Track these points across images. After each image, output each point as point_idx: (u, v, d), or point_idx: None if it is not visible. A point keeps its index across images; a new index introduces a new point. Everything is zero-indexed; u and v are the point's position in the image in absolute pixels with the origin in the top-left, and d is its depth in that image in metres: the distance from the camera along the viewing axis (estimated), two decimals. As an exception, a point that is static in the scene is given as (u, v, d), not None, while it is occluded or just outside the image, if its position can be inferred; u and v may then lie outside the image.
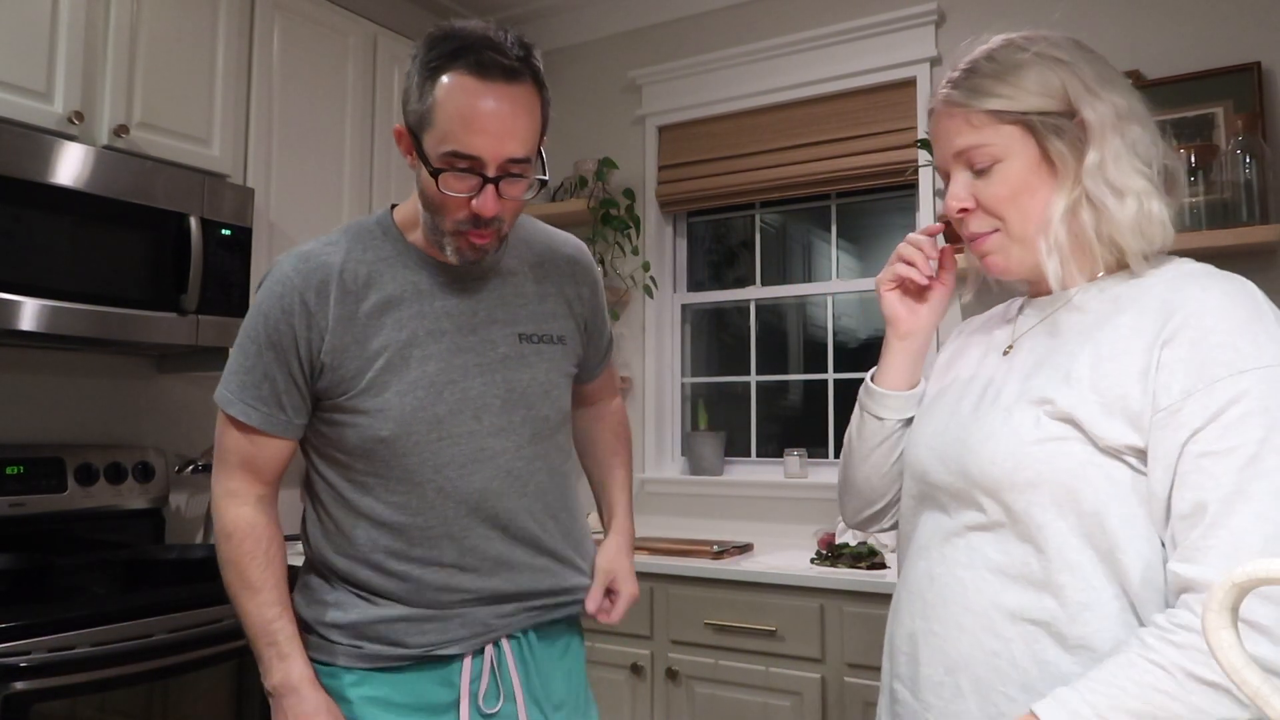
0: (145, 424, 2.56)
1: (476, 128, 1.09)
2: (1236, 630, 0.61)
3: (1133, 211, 0.95)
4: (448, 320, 1.23)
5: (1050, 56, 1.00)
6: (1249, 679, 0.60)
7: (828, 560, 2.42)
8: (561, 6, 3.47)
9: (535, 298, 1.32)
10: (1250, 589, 0.60)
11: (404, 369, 1.19)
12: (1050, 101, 0.97)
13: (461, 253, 1.19)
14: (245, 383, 1.22)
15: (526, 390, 1.28)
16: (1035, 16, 2.70)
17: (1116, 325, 0.93)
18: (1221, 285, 0.92)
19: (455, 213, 1.15)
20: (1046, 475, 0.91)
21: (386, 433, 1.19)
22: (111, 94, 2.16)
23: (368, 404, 1.19)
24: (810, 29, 3.05)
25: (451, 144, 1.10)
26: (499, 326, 1.27)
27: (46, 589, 1.92)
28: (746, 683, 2.35)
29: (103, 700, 1.78)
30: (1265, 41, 2.41)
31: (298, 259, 1.21)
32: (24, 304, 1.94)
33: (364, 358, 1.19)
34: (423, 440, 1.20)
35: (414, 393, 1.20)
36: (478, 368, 1.24)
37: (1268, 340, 0.87)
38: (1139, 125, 0.97)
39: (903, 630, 1.04)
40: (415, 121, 1.13)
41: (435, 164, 1.12)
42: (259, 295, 1.23)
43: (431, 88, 1.10)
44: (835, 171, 3.00)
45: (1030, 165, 0.98)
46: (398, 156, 2.89)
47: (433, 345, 1.21)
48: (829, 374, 3.14)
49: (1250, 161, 2.25)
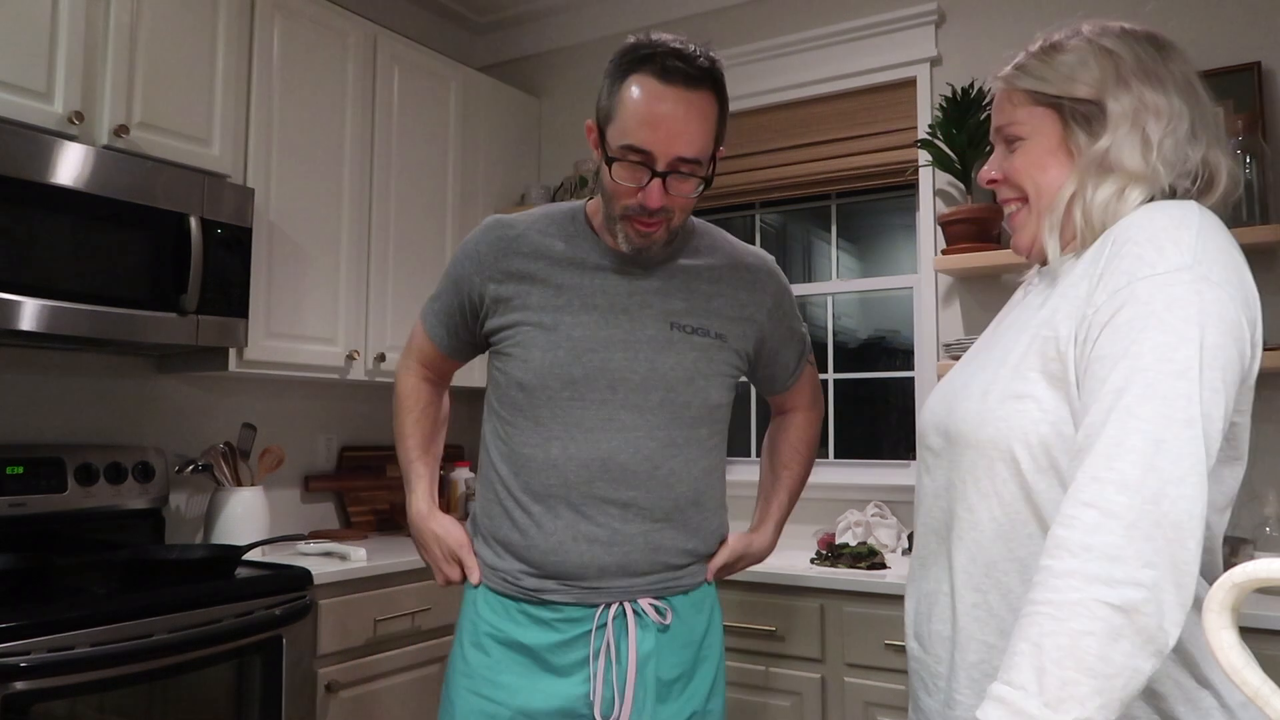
0: (145, 424, 2.56)
1: (651, 125, 1.22)
2: (1237, 630, 0.61)
3: (1107, 194, 0.96)
4: (602, 297, 1.35)
5: (1098, 45, 1.00)
6: (1249, 679, 0.60)
7: (828, 560, 2.42)
8: (561, 6, 3.47)
9: (703, 295, 1.41)
10: (1250, 589, 0.60)
11: (553, 329, 1.33)
12: (1083, 88, 0.99)
13: (630, 239, 1.32)
14: (435, 307, 1.51)
15: (669, 374, 1.35)
16: (1035, 16, 2.71)
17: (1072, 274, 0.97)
18: (1150, 206, 0.94)
19: (625, 200, 1.27)
20: (1004, 432, 0.94)
21: (526, 380, 1.33)
22: (111, 94, 2.16)
23: (516, 352, 1.35)
24: (810, 29, 3.05)
25: (628, 138, 1.23)
26: (651, 312, 1.37)
27: (46, 589, 1.92)
28: (746, 683, 2.35)
29: (103, 700, 1.78)
30: (1265, 41, 2.41)
31: (492, 220, 1.43)
32: (24, 304, 1.94)
33: (523, 311, 1.36)
34: (556, 396, 1.32)
35: (556, 351, 1.32)
36: (622, 344, 1.34)
37: (1174, 248, 0.87)
38: (1169, 121, 0.97)
39: (919, 590, 1.08)
40: (602, 116, 1.28)
41: (612, 154, 1.25)
42: (466, 240, 1.45)
43: (619, 87, 1.25)
44: (835, 171, 3.00)
45: (1049, 147, 1.01)
46: (398, 156, 2.89)
47: (584, 315, 1.34)
48: (829, 374, 3.14)
49: (1250, 161, 2.25)
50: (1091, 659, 0.76)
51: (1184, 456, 0.80)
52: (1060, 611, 0.78)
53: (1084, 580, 0.78)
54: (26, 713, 1.66)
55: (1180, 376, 0.82)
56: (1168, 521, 0.79)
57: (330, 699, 2.22)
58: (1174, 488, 0.79)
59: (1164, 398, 0.82)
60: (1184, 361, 0.83)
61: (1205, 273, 0.86)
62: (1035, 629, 0.79)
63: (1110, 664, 0.76)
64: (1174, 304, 0.84)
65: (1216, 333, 0.84)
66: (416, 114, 2.96)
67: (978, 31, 2.79)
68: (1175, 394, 0.82)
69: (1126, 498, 0.79)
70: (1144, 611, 0.77)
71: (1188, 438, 0.81)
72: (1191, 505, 0.79)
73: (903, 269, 3.03)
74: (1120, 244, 0.90)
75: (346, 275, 2.72)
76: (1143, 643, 0.77)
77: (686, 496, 1.39)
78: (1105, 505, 0.80)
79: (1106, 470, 0.81)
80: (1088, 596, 0.78)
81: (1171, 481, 0.79)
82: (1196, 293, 0.85)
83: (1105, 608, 0.77)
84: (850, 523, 2.66)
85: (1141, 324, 0.84)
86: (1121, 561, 0.78)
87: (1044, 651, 0.77)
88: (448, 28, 3.61)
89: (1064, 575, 0.79)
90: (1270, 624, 1.79)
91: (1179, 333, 0.83)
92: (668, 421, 1.36)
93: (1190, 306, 0.84)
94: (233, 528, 2.42)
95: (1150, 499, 0.79)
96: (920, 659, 1.07)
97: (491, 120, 3.27)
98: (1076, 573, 0.79)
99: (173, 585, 1.99)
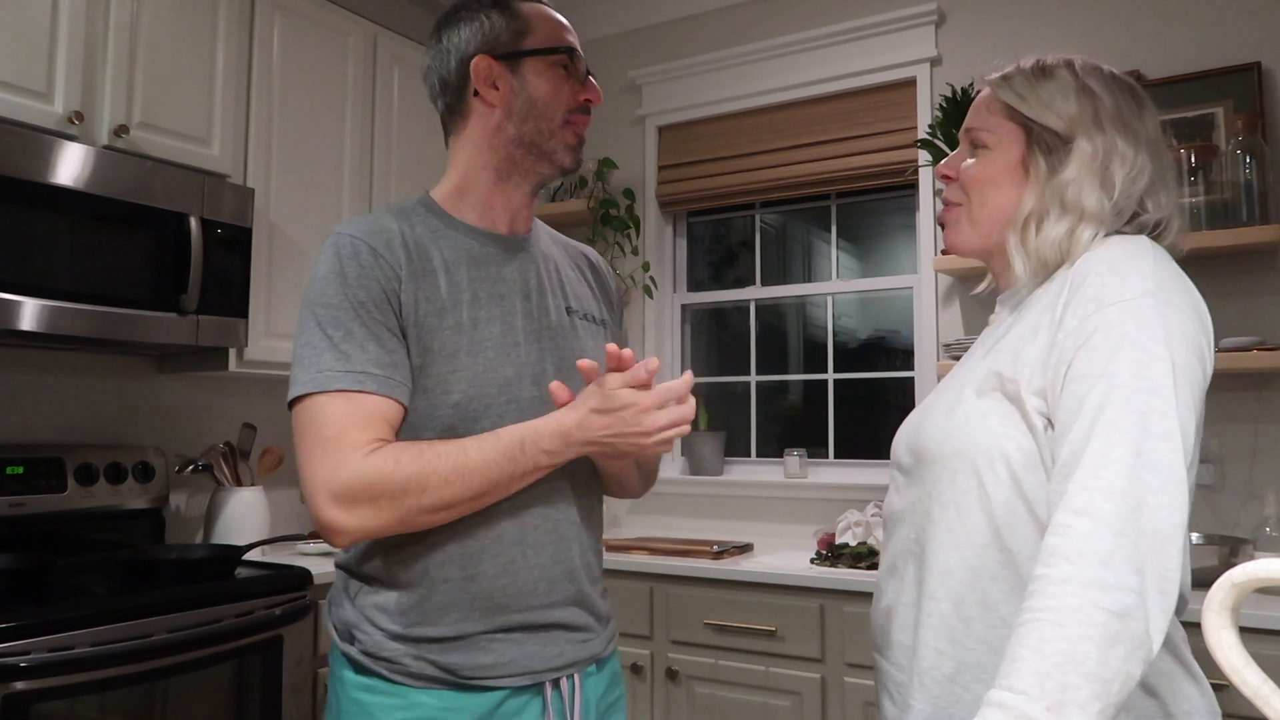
0: (145, 424, 2.56)
1: (569, 32, 1.26)
2: (1236, 630, 0.61)
3: (1063, 231, 1.01)
4: (504, 285, 1.22)
5: (1083, 83, 1.05)
6: (1249, 679, 0.60)
7: (827, 560, 2.42)
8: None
9: (574, 280, 1.34)
10: (1250, 589, 0.61)
11: (471, 329, 1.17)
12: (1056, 120, 1.04)
13: (571, 147, 1.24)
14: (344, 353, 1.10)
15: (578, 358, 1.20)
16: (1035, 16, 2.72)
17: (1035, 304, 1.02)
18: (1108, 241, 0.99)
19: (568, 102, 1.23)
20: (969, 446, 0.98)
21: (458, 396, 1.14)
22: (111, 94, 2.16)
23: (437, 366, 1.14)
24: (810, 29, 3.05)
25: (556, 42, 1.24)
26: (550, 296, 1.26)
27: (46, 589, 1.92)
28: (746, 683, 2.35)
29: (103, 700, 1.78)
30: (1265, 41, 2.41)
31: (355, 225, 1.18)
32: (24, 304, 1.94)
33: (433, 315, 1.15)
34: (494, 403, 1.15)
35: (483, 354, 1.16)
36: (533, 333, 1.22)
37: (1136, 275, 0.93)
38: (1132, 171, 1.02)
39: (880, 605, 1.11)
40: (506, 42, 1.22)
41: (543, 64, 1.22)
42: (320, 267, 1.15)
43: (514, 11, 1.24)
44: (835, 171, 3.00)
45: (1009, 164, 1.06)
46: (398, 156, 2.89)
47: (494, 308, 1.20)
48: (829, 374, 3.14)
49: (1250, 161, 2.25)
50: (1091, 664, 0.78)
51: (1162, 467, 0.84)
52: (1061, 617, 0.80)
53: (1081, 586, 0.80)
54: (26, 713, 1.66)
55: (1154, 393, 0.87)
56: (1149, 529, 0.82)
57: (330, 699, 2.22)
58: (1154, 496, 0.83)
59: (1141, 412, 0.86)
60: (1157, 378, 0.87)
61: (1168, 297, 0.92)
62: (1034, 635, 0.80)
63: (1108, 669, 0.78)
64: (1144, 326, 0.89)
65: (1183, 351, 0.90)
66: (416, 114, 2.96)
67: (978, 31, 2.79)
68: (1151, 409, 0.86)
69: (1114, 505, 0.83)
70: (1135, 616, 0.79)
71: (1165, 449, 0.85)
72: (1172, 513, 0.83)
73: (903, 269, 3.03)
74: (1083, 274, 0.95)
75: (346, 275, 2.72)
76: (1135, 648, 0.79)
77: (593, 510, 1.28)
78: (1096, 513, 0.83)
79: (1094, 480, 0.84)
80: (1086, 602, 0.80)
81: (1152, 491, 0.83)
82: (1162, 315, 0.90)
83: (1102, 613, 0.79)
84: (850, 523, 2.66)
85: (1115, 345, 0.89)
86: (1113, 566, 0.80)
87: (1045, 656, 0.79)
88: (448, 28, 3.60)
89: (1061, 582, 0.81)
90: (1270, 624, 1.79)
91: (1150, 352, 0.88)
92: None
93: (1158, 328, 0.89)
94: (233, 528, 2.43)
95: (1134, 507, 0.82)
96: (884, 669, 1.10)
97: (491, 120, 3.26)
98: (1074, 579, 0.81)
99: (173, 585, 1.98)
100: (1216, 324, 1.02)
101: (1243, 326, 2.32)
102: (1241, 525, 2.32)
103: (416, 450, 1.08)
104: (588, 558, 1.24)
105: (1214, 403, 1.08)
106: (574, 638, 1.20)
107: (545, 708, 1.17)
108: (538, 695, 1.17)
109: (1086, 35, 2.64)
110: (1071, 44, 2.64)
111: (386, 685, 1.13)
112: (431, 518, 1.09)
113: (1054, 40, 2.67)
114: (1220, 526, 2.32)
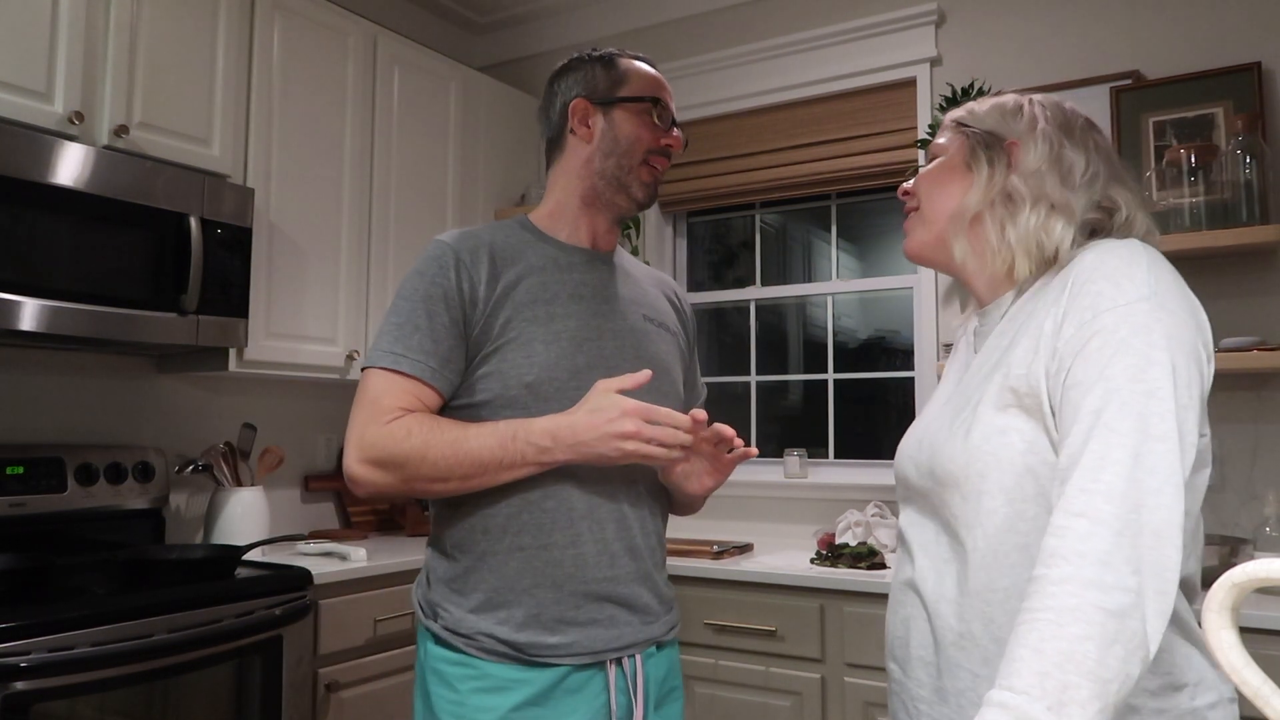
0: (145, 424, 2.56)
1: (660, 87, 1.42)
2: (1237, 630, 0.61)
3: (1036, 221, 1.05)
4: (585, 288, 1.38)
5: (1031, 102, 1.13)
6: (1249, 679, 0.60)
7: (828, 560, 2.42)
8: (561, 6, 3.47)
9: (653, 295, 1.49)
10: (1250, 589, 0.61)
11: (548, 322, 1.32)
12: (995, 125, 1.12)
13: (645, 184, 1.40)
14: (412, 343, 1.28)
15: (653, 359, 1.39)
16: (1035, 17, 2.72)
17: (1035, 313, 1.03)
18: (1100, 245, 1.01)
19: (648, 144, 1.39)
20: (993, 466, 0.99)
21: (531, 377, 1.29)
22: (111, 94, 2.16)
23: (514, 352, 1.30)
24: (810, 29, 3.05)
25: (648, 93, 1.40)
26: (627, 303, 1.42)
27: (46, 589, 1.92)
28: (746, 683, 2.35)
29: (103, 700, 1.78)
30: (1265, 41, 2.41)
31: (451, 235, 1.36)
32: (24, 304, 1.94)
33: (512, 309, 1.31)
34: (564, 387, 1.29)
35: (558, 343, 1.31)
36: (611, 331, 1.37)
37: (1130, 282, 0.94)
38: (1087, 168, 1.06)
39: (897, 616, 1.12)
40: (606, 87, 1.39)
41: (633, 108, 1.39)
42: (418, 264, 1.34)
43: (613, 67, 1.41)
44: (835, 171, 3.00)
45: (952, 165, 1.14)
46: (398, 156, 2.89)
47: (573, 306, 1.35)
48: (829, 374, 3.14)
49: (1250, 161, 2.25)
50: (1091, 663, 0.78)
51: (1160, 469, 0.85)
52: (1060, 617, 0.80)
53: (1080, 585, 0.81)
54: (26, 713, 1.66)
55: (1151, 396, 0.88)
56: (1148, 530, 0.83)
57: (330, 699, 2.22)
58: (1153, 498, 0.84)
59: (1139, 415, 0.87)
60: (1154, 381, 0.88)
61: (1162, 302, 0.93)
62: (1035, 635, 0.80)
63: (1107, 668, 0.78)
64: (1139, 330, 0.91)
65: (1180, 355, 0.91)
66: (416, 114, 2.96)
67: (978, 31, 2.79)
68: (1149, 411, 0.87)
69: (1113, 507, 0.83)
70: (1132, 616, 0.80)
71: (1162, 451, 0.86)
72: (1169, 514, 0.84)
73: (903, 269, 3.03)
74: (1080, 284, 0.97)
75: (346, 275, 2.72)
76: (1133, 648, 0.80)
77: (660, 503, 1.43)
78: (1094, 514, 0.83)
79: (1093, 482, 0.85)
80: (1085, 602, 0.80)
81: (1150, 492, 0.84)
82: (1157, 320, 0.91)
83: (1100, 612, 0.79)
84: (850, 523, 2.66)
85: (1111, 350, 0.90)
86: (1111, 567, 0.81)
87: (1045, 656, 0.79)
88: (448, 28, 3.61)
89: (1060, 582, 0.82)
90: (1270, 624, 1.79)
91: (1146, 356, 0.89)
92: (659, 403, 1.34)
93: (1154, 332, 0.91)
94: (233, 528, 2.42)
95: (1132, 508, 0.83)
96: (901, 681, 1.10)
97: (491, 120, 3.27)
98: (1072, 578, 0.81)
99: (173, 585, 1.99)
100: (1216, 324, 1.03)
101: (1243, 326, 2.32)
102: (1241, 525, 2.32)
103: (429, 425, 1.25)
104: (650, 541, 1.37)
105: (1214, 403, 1.08)
106: (634, 619, 1.32)
107: (608, 684, 1.29)
108: (601, 671, 1.29)
109: (1086, 35, 2.64)
110: (1071, 44, 2.64)
111: (463, 657, 1.27)
112: (429, 487, 1.26)
113: (1053, 40, 2.67)
114: (1220, 526, 2.32)
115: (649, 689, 1.34)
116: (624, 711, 1.30)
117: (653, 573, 1.36)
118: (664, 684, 1.38)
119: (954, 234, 1.12)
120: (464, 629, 1.28)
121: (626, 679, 1.30)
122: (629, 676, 1.31)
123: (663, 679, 1.38)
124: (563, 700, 1.26)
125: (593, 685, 1.28)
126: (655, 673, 1.36)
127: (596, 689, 1.28)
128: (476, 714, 1.25)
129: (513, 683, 1.25)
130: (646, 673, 1.33)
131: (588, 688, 1.28)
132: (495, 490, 1.27)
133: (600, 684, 1.29)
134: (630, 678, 1.31)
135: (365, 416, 1.26)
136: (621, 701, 1.30)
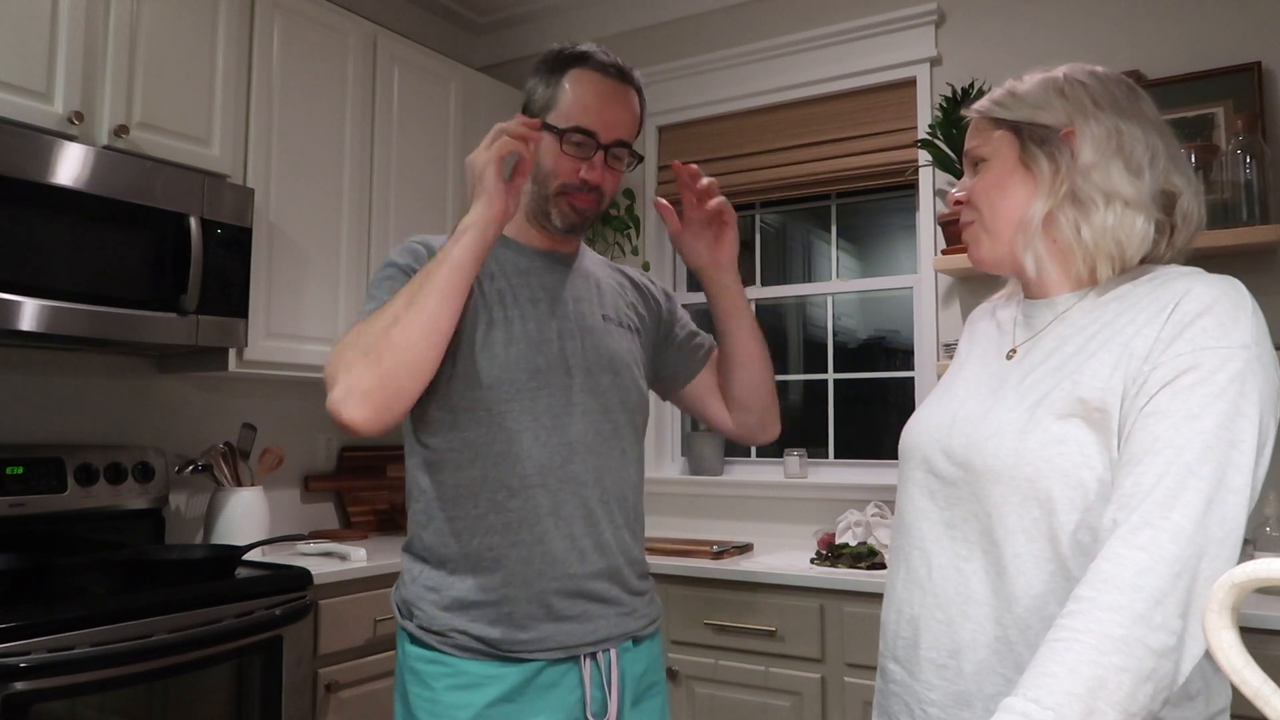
0: (145, 424, 2.55)
1: (597, 109, 1.33)
2: (1237, 630, 0.61)
3: (1113, 219, 1.00)
4: (542, 291, 1.38)
5: (1068, 80, 1.06)
6: (1249, 679, 0.60)
7: (827, 560, 2.42)
8: (562, 6, 3.47)
9: (611, 292, 1.48)
10: (1250, 589, 0.60)
11: (507, 324, 1.33)
12: (1044, 114, 1.05)
13: (565, 215, 1.36)
14: (373, 295, 1.31)
15: (612, 358, 1.40)
16: (1035, 17, 2.72)
17: (1121, 328, 0.98)
18: (1209, 280, 0.97)
19: (565, 177, 1.33)
20: (1045, 472, 0.95)
21: (491, 378, 1.30)
22: (111, 94, 2.16)
23: (475, 353, 1.30)
24: (810, 29, 3.05)
25: (574, 121, 1.32)
26: (585, 304, 1.41)
27: (46, 589, 1.92)
28: (746, 683, 2.35)
29: (103, 700, 1.78)
30: (1265, 41, 2.41)
31: (422, 237, 1.39)
32: (24, 304, 1.94)
33: (472, 312, 1.31)
34: (524, 388, 1.31)
35: (517, 344, 1.32)
36: (570, 332, 1.37)
37: (1235, 328, 0.92)
38: (1148, 151, 1.02)
39: (902, 615, 1.08)
40: (539, 108, 1.35)
41: (557, 136, 1.33)
42: (390, 255, 1.37)
43: (557, 80, 1.34)
44: (835, 171, 3.00)
45: (1008, 167, 1.07)
46: (397, 155, 2.89)
47: (530, 309, 1.35)
48: (829, 374, 3.14)
49: (1250, 161, 2.25)
50: (1123, 695, 0.78)
51: (1228, 520, 0.85)
52: (1103, 643, 0.80)
53: (1129, 618, 0.80)
54: (26, 713, 1.66)
55: (1234, 447, 0.87)
56: (1203, 578, 0.83)
57: (330, 699, 2.22)
58: (1215, 547, 0.84)
59: (1219, 463, 0.86)
60: (1241, 433, 0.88)
61: (1260, 353, 0.92)
62: (1072, 655, 0.80)
63: (1136, 703, 0.78)
64: (1235, 379, 0.89)
65: (1267, 411, 0.90)
66: (416, 114, 2.96)
67: (978, 31, 2.79)
68: (1229, 462, 0.86)
69: (1177, 548, 0.83)
70: (1170, 659, 0.80)
71: (1234, 504, 0.86)
72: (1225, 567, 0.83)
73: (903, 269, 3.03)
74: (1190, 315, 0.93)
75: (346, 275, 2.72)
76: (1163, 688, 0.80)
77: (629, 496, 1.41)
78: (1157, 551, 0.82)
79: (1162, 519, 0.84)
80: (1131, 635, 0.80)
81: (1214, 541, 0.84)
82: (1253, 372, 0.90)
83: (1143, 648, 0.79)
84: (850, 523, 2.66)
85: (1204, 390, 0.89)
86: (1163, 606, 0.81)
87: (1079, 678, 0.78)
88: (448, 28, 3.61)
89: (1109, 609, 0.81)
90: (1270, 624, 1.79)
91: (1238, 407, 0.88)
92: (619, 404, 1.39)
93: (1249, 383, 0.89)
94: (233, 528, 2.42)
95: (1195, 554, 0.83)
96: (904, 683, 1.07)
97: (491, 120, 3.22)
98: (1123, 609, 0.81)
99: (173, 585, 1.98)
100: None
101: (1243, 326, 2.32)
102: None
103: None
104: (621, 535, 1.36)
105: (1214, 403, 1.06)
106: (608, 611, 1.33)
107: (582, 679, 1.30)
108: (575, 666, 1.30)
109: (1086, 35, 2.64)
110: (1071, 44, 2.64)
111: (438, 655, 1.28)
112: (401, 357, 1.17)
113: (1054, 40, 2.67)
114: (1220, 526, 2.32)
115: (625, 684, 1.34)
116: (599, 706, 1.30)
117: (623, 568, 1.36)
118: (643, 679, 1.38)
119: (1024, 244, 1.05)
120: (437, 626, 1.29)
121: (602, 674, 1.31)
122: (604, 671, 1.31)
123: (641, 674, 1.38)
124: (537, 696, 1.27)
125: (567, 680, 1.29)
126: (633, 668, 1.36)
127: (571, 684, 1.29)
128: (452, 711, 1.26)
129: (487, 679, 1.26)
130: (623, 668, 1.34)
131: (562, 683, 1.29)
132: (464, 495, 1.29)
133: (575, 679, 1.30)
134: (605, 672, 1.31)
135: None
136: (596, 696, 1.30)
